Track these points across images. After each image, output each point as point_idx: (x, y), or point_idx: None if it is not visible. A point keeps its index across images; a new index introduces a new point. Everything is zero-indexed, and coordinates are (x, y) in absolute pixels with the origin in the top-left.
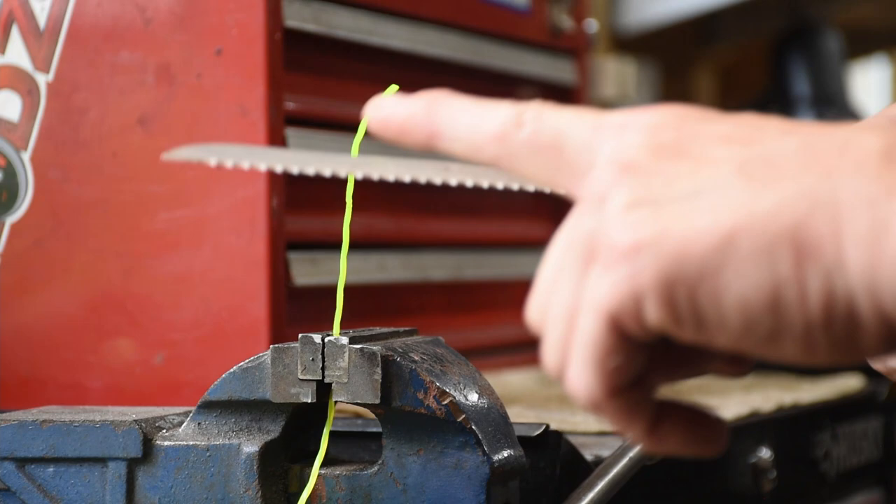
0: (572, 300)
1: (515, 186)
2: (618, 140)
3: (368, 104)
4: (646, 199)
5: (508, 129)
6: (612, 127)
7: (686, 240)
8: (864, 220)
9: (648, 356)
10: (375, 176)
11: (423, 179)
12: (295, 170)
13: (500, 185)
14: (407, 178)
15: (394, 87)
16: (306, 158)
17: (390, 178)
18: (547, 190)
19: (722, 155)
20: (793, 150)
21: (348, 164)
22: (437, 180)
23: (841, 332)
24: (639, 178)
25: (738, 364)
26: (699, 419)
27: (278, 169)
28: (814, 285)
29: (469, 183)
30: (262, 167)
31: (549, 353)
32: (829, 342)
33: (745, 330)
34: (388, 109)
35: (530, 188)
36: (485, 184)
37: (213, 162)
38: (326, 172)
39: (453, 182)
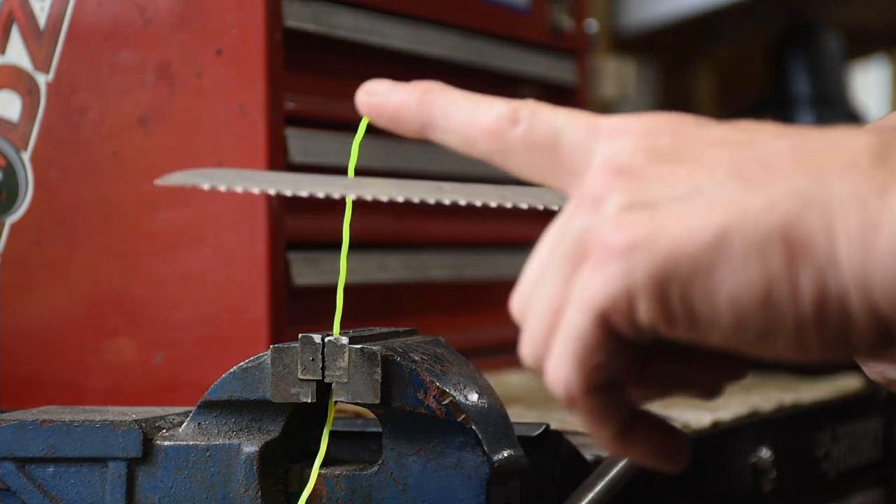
0: (558, 294)
1: (508, 204)
2: (614, 143)
3: (362, 87)
4: (641, 202)
5: (503, 125)
6: (608, 130)
7: (679, 239)
8: (855, 219)
9: (629, 360)
10: (369, 197)
11: (416, 199)
12: (288, 192)
13: (493, 204)
14: (400, 199)
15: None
16: (299, 181)
17: (383, 198)
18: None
19: (716, 157)
20: (785, 150)
21: (341, 185)
22: (431, 200)
23: (833, 329)
24: (634, 182)
25: (713, 387)
26: (667, 433)
27: (271, 191)
28: (806, 282)
29: (462, 202)
30: (255, 190)
31: (528, 343)
32: (822, 339)
33: (737, 327)
34: (381, 95)
35: (523, 205)
36: (478, 202)
37: (206, 186)
38: (320, 194)
39: (446, 201)
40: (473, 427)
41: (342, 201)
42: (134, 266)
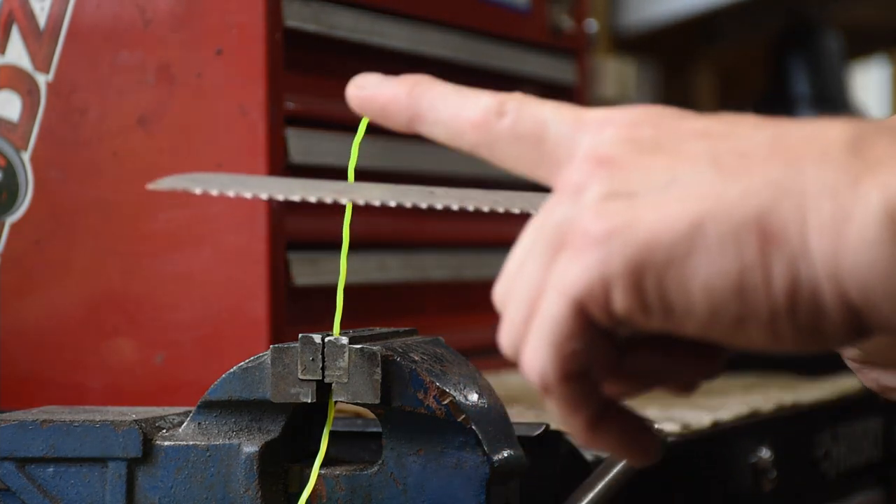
0: (537, 283)
1: (500, 209)
2: (597, 134)
3: (352, 80)
4: (621, 192)
5: (490, 118)
6: (593, 122)
7: (656, 227)
8: (827, 208)
9: (606, 350)
10: (361, 202)
11: (407, 204)
12: (280, 197)
13: (485, 209)
14: (392, 203)
15: None
16: (291, 185)
17: (375, 203)
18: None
19: (697, 149)
20: (763, 141)
21: (334, 190)
22: (423, 205)
23: (806, 319)
24: (615, 172)
25: (689, 382)
26: (639, 427)
27: (263, 196)
28: (779, 271)
29: (454, 206)
30: (248, 195)
31: (506, 331)
32: (795, 329)
33: (711, 316)
34: (371, 88)
35: (515, 210)
36: (470, 207)
37: (197, 191)
38: (312, 199)
39: (438, 206)
40: (473, 427)
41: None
42: (134, 266)
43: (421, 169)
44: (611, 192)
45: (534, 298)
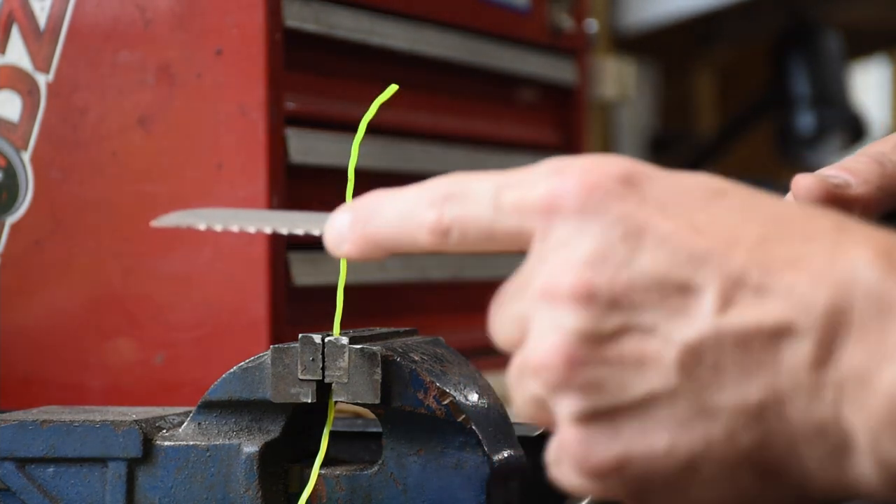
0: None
1: None
2: (552, 268)
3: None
4: (599, 409)
5: (439, 240)
6: (542, 220)
7: (648, 464)
8: (820, 447)
9: None
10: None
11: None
12: (284, 231)
13: None
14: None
15: (393, 87)
16: (293, 219)
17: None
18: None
19: (662, 333)
20: (731, 342)
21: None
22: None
23: None
24: (583, 355)
25: None
26: None
27: (267, 230)
28: (786, 495)
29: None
30: (251, 230)
31: None
32: None
33: None
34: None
35: None
36: None
37: (202, 227)
38: (315, 233)
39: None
40: (473, 427)
41: (342, 201)
42: (134, 266)
43: (421, 169)
44: (589, 412)
45: None
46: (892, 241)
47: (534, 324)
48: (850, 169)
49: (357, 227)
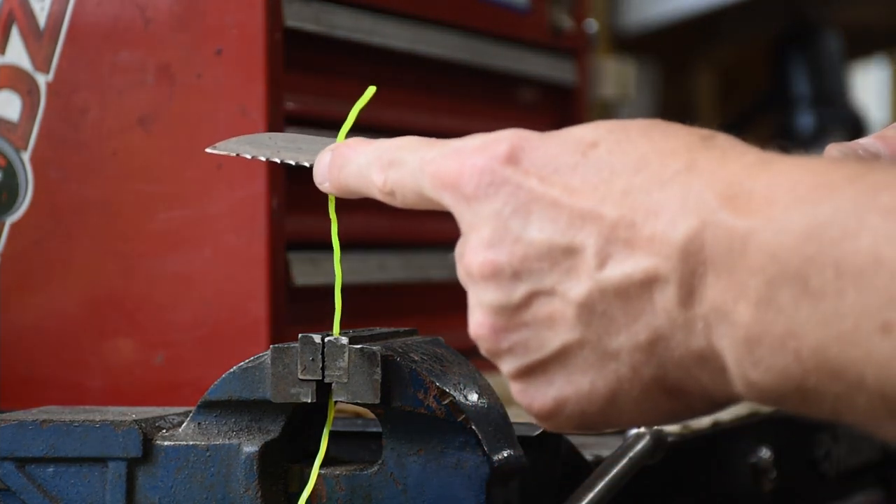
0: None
1: None
2: (466, 261)
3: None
4: (530, 366)
5: (387, 199)
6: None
7: (580, 401)
8: (707, 371)
9: None
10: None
11: None
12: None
13: None
14: None
15: (371, 89)
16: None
17: None
18: None
19: (560, 293)
20: (612, 294)
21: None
22: None
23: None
24: (503, 319)
25: None
26: None
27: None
28: (697, 407)
29: None
30: (297, 161)
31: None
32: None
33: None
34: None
35: None
36: None
37: (247, 156)
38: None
39: None
40: (473, 427)
41: (343, 201)
42: (134, 266)
43: None
44: (523, 368)
45: None
46: (739, 175)
47: (468, 297)
48: (887, 138)
49: (333, 170)
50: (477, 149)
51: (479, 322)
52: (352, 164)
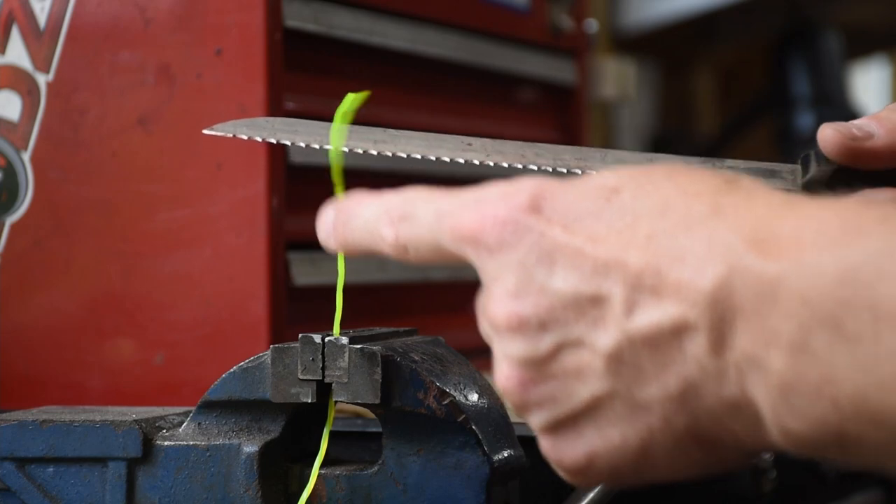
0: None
1: (533, 167)
2: (488, 310)
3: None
4: (559, 419)
5: (399, 254)
6: (478, 247)
7: (611, 455)
8: (740, 420)
9: None
10: (403, 154)
11: (445, 157)
12: (315, 145)
13: (518, 165)
14: (432, 157)
15: (364, 93)
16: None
17: (416, 156)
18: None
19: (588, 344)
20: (641, 344)
21: (376, 140)
22: (460, 159)
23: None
24: (532, 376)
25: None
26: None
27: (300, 143)
28: (729, 457)
29: (489, 161)
30: (295, 142)
31: None
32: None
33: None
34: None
35: (545, 166)
36: (504, 163)
37: (244, 136)
38: (359, 150)
39: (476, 161)
40: (473, 427)
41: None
42: (134, 266)
43: (422, 169)
44: (552, 422)
45: None
46: (766, 218)
47: (493, 349)
48: (882, 119)
49: (338, 227)
50: (497, 199)
51: (506, 375)
52: (357, 218)
